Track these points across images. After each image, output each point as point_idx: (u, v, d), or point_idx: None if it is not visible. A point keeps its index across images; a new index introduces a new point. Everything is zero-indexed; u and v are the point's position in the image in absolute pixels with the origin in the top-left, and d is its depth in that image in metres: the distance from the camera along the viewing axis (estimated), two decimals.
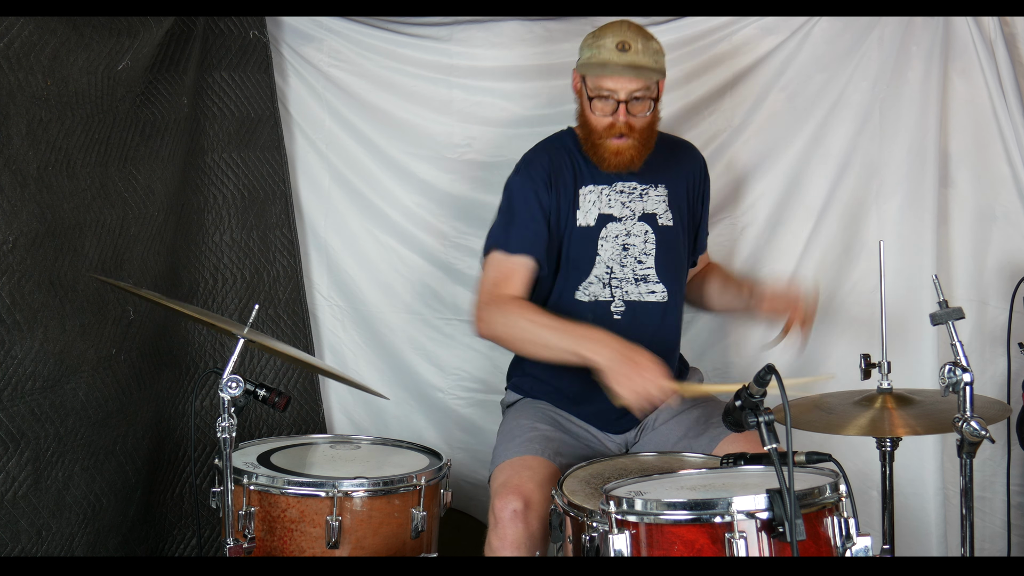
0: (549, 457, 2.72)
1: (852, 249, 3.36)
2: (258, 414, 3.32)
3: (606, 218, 2.91)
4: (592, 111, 2.83)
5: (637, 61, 2.79)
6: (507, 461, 2.72)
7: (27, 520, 2.65)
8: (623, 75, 2.78)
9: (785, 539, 2.05)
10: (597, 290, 2.91)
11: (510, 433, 2.84)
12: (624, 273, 2.92)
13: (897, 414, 2.43)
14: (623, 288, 2.92)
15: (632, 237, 2.92)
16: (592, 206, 2.91)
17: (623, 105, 2.80)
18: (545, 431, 2.83)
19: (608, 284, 2.91)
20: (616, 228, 2.92)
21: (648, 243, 2.94)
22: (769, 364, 2.15)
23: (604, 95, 2.80)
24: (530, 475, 2.64)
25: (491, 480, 2.74)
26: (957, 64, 3.25)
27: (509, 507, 2.57)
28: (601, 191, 2.91)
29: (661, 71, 2.84)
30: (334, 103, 3.40)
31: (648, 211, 2.94)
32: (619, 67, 2.78)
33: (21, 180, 2.55)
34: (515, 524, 2.57)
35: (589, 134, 2.87)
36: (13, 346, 2.57)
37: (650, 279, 2.93)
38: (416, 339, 3.47)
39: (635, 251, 2.92)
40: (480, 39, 3.35)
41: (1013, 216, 3.27)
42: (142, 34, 2.85)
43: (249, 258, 3.33)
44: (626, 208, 2.92)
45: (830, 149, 3.34)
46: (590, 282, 2.91)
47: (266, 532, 2.57)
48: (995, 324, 3.30)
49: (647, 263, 2.93)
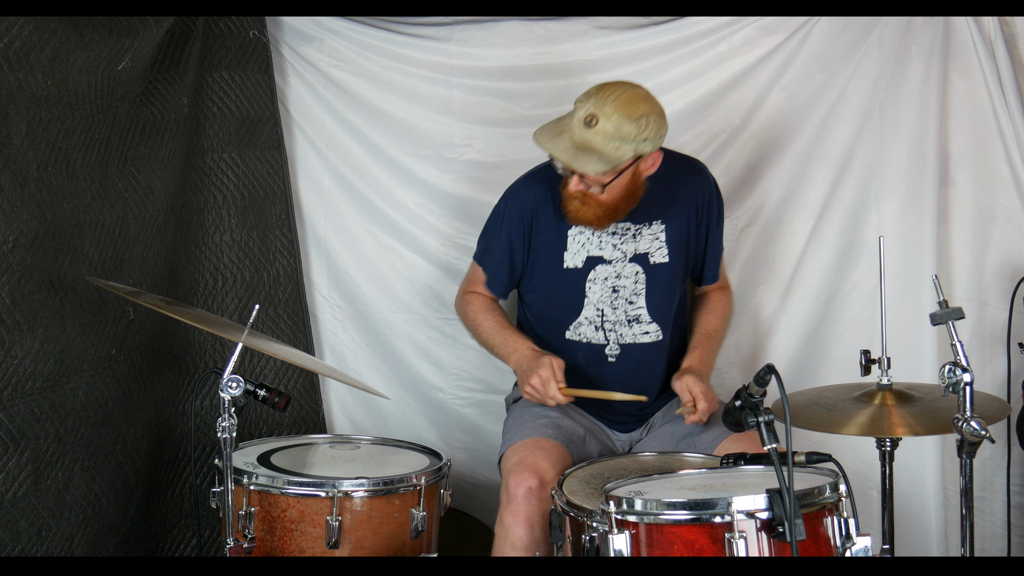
0: (562, 442, 2.75)
1: (852, 249, 3.36)
2: (258, 414, 3.32)
3: (595, 260, 2.90)
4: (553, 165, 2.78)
5: (591, 143, 2.65)
6: (520, 442, 2.75)
7: (27, 520, 2.65)
8: (562, 158, 2.69)
9: (785, 539, 2.05)
10: (589, 332, 2.92)
11: (521, 418, 2.87)
12: (616, 316, 2.92)
13: (897, 413, 2.43)
14: (617, 331, 2.92)
15: (622, 279, 2.90)
16: (581, 248, 2.90)
17: (575, 176, 2.73)
18: (556, 418, 2.86)
19: (601, 327, 2.92)
20: (605, 270, 2.90)
21: (639, 283, 2.92)
22: (769, 364, 2.16)
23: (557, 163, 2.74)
24: (544, 455, 2.66)
25: (502, 461, 2.76)
26: (957, 64, 3.25)
27: (524, 484, 2.59)
28: (592, 232, 2.88)
29: (615, 160, 2.67)
30: (334, 103, 3.40)
31: (640, 251, 2.91)
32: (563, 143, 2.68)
33: (21, 180, 2.55)
34: (529, 502, 2.58)
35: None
36: (13, 346, 2.57)
37: (642, 319, 2.93)
38: (416, 339, 3.47)
39: (625, 292, 2.91)
40: (480, 39, 3.35)
41: (1013, 216, 3.27)
42: (142, 34, 2.85)
43: (249, 258, 3.33)
44: (617, 250, 2.90)
45: (830, 149, 3.34)
46: (580, 323, 2.92)
47: (266, 532, 2.57)
48: (995, 324, 3.30)
49: (638, 303, 2.92)
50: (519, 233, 2.92)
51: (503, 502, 2.64)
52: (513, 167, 3.13)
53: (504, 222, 2.95)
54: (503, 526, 2.61)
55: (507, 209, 2.95)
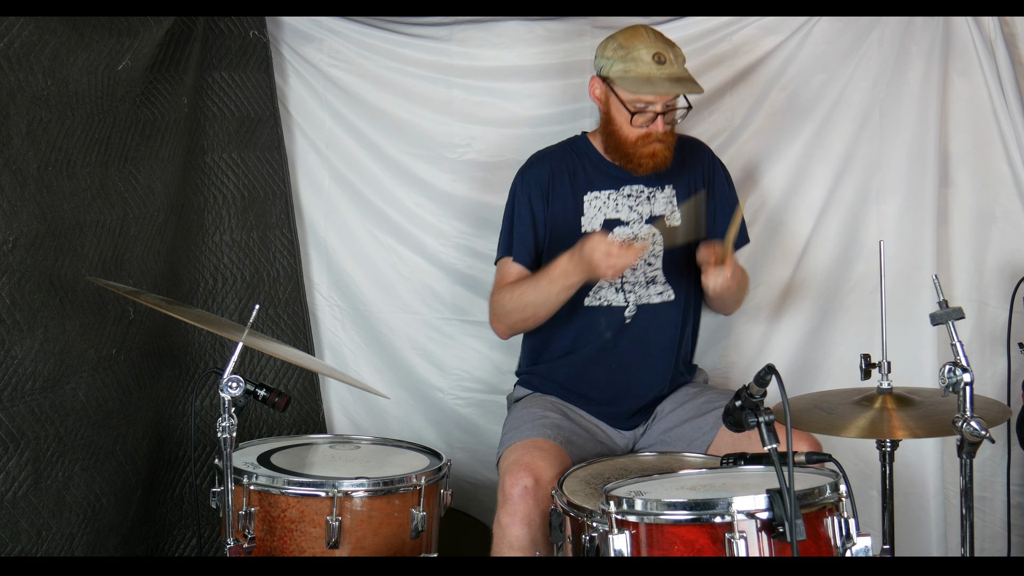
0: (560, 443, 2.75)
1: (852, 249, 3.36)
2: (258, 414, 3.32)
3: (613, 223, 2.94)
4: (629, 123, 2.85)
5: (675, 73, 2.82)
6: (518, 443, 2.76)
7: (27, 520, 2.65)
8: (668, 91, 2.82)
9: (785, 539, 2.05)
10: (609, 295, 2.95)
11: (519, 419, 2.86)
12: (636, 277, 2.95)
13: (897, 415, 2.43)
14: (636, 292, 2.96)
15: (639, 240, 2.93)
16: (598, 212, 2.95)
17: (660, 116, 2.83)
18: (556, 419, 2.86)
19: (621, 288, 2.95)
20: (623, 232, 2.95)
21: (656, 244, 2.96)
22: (769, 364, 2.16)
23: (642, 108, 2.83)
24: (541, 455, 2.66)
25: (499, 461, 2.76)
26: (957, 64, 3.26)
27: (520, 484, 2.59)
28: (608, 196, 2.95)
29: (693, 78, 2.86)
30: (334, 103, 3.40)
31: (656, 213, 2.96)
32: (663, 82, 2.81)
33: (21, 180, 2.55)
34: (525, 501, 2.58)
35: (620, 143, 2.90)
36: (13, 346, 2.57)
37: (658, 280, 2.97)
38: (416, 339, 3.47)
39: (644, 254, 2.93)
40: (480, 39, 3.35)
41: (1013, 216, 3.27)
42: (142, 34, 2.85)
43: (249, 258, 3.33)
44: (633, 212, 2.95)
45: (830, 149, 3.34)
46: (600, 287, 2.94)
47: (266, 532, 2.57)
48: (995, 324, 3.30)
49: (656, 264, 2.97)
50: (540, 200, 2.96)
51: (500, 502, 2.64)
52: (513, 167, 3.13)
53: (523, 197, 2.98)
54: (500, 526, 2.62)
55: (522, 185, 3.00)
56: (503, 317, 2.95)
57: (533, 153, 3.06)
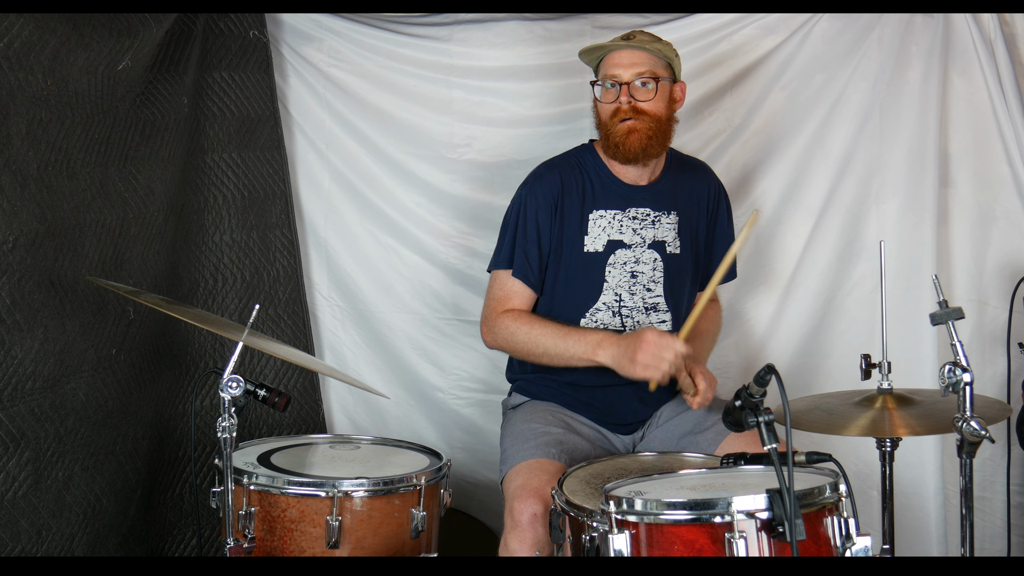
0: (564, 463, 2.73)
1: (852, 249, 3.36)
2: (258, 414, 3.32)
3: (615, 244, 2.89)
4: (600, 100, 2.85)
5: (640, 44, 2.82)
6: (523, 463, 2.72)
7: (27, 520, 2.65)
8: (623, 51, 2.81)
9: (785, 539, 2.05)
10: (606, 318, 2.90)
11: (522, 435, 2.82)
12: (634, 302, 2.91)
13: (897, 414, 2.43)
14: (634, 318, 2.91)
15: (641, 264, 2.90)
16: (602, 232, 2.89)
17: (625, 87, 2.80)
18: (558, 435, 2.82)
19: (618, 313, 2.91)
20: (625, 255, 2.90)
21: (657, 271, 2.92)
22: (769, 364, 2.16)
23: (608, 82, 2.83)
24: (548, 479, 2.63)
25: (505, 481, 2.73)
26: (957, 64, 3.26)
27: (529, 510, 2.57)
28: (613, 216, 2.90)
29: (666, 57, 2.83)
30: (334, 103, 3.41)
31: (658, 239, 2.92)
32: (620, 45, 2.82)
33: (21, 180, 2.55)
34: (534, 527, 2.57)
35: (600, 126, 2.88)
36: (13, 346, 2.57)
37: (659, 308, 2.93)
38: (416, 339, 3.47)
39: (644, 279, 2.91)
40: (480, 39, 3.36)
41: (1013, 216, 3.28)
42: (142, 34, 2.85)
43: (249, 258, 3.33)
44: (637, 235, 2.91)
45: (830, 149, 3.34)
46: (597, 309, 2.91)
47: (266, 532, 2.57)
48: (995, 324, 3.30)
49: (656, 291, 2.92)
50: (547, 215, 2.88)
51: (508, 526, 2.61)
52: (513, 167, 3.13)
53: (530, 211, 2.88)
54: (508, 551, 2.58)
55: (530, 196, 2.90)
56: (503, 341, 2.89)
57: (541, 163, 2.96)
